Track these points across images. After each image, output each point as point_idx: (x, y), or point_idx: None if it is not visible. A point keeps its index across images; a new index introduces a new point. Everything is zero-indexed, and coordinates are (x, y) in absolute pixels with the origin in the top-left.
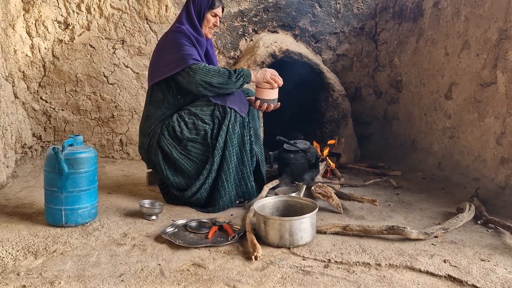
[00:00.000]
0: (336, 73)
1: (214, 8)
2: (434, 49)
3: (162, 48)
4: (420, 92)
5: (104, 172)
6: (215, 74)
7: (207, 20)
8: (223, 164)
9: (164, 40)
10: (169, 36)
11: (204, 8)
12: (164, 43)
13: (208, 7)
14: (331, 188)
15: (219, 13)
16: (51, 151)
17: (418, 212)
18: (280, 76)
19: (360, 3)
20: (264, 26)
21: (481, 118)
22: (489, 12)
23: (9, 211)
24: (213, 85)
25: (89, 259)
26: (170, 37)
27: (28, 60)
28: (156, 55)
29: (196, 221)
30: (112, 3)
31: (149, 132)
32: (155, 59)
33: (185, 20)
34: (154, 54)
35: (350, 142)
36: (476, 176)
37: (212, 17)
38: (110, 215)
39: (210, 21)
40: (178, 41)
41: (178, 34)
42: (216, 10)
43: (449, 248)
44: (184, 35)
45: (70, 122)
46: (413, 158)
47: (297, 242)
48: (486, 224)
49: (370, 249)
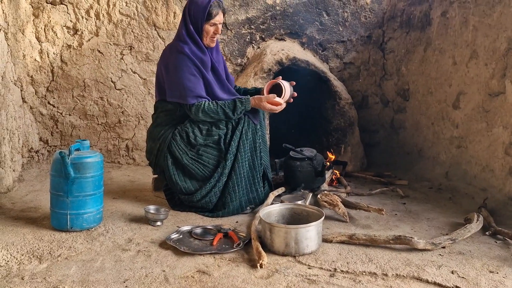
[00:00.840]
0: (343, 81)
1: (212, 19)
2: (442, 58)
3: (166, 66)
4: (427, 101)
5: (109, 177)
6: (215, 116)
7: (206, 32)
8: (235, 168)
9: (169, 57)
10: (173, 55)
11: (200, 21)
12: (168, 61)
13: (205, 19)
14: (337, 196)
15: (218, 21)
16: (57, 155)
17: (425, 222)
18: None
19: (368, 12)
20: (271, 34)
21: (489, 128)
22: (498, 21)
23: (14, 215)
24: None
25: (94, 264)
26: (174, 57)
27: (37, 65)
28: (160, 71)
29: (201, 227)
30: (121, 10)
31: (159, 136)
32: (160, 74)
33: (186, 37)
34: (159, 67)
35: (356, 150)
36: (484, 187)
37: (211, 27)
38: (115, 220)
39: (209, 32)
40: (181, 68)
41: (182, 58)
42: (214, 20)
43: (457, 259)
44: (188, 60)
45: (77, 126)
46: (420, 167)
47: (302, 251)
48: (495, 235)
49: (377, 259)
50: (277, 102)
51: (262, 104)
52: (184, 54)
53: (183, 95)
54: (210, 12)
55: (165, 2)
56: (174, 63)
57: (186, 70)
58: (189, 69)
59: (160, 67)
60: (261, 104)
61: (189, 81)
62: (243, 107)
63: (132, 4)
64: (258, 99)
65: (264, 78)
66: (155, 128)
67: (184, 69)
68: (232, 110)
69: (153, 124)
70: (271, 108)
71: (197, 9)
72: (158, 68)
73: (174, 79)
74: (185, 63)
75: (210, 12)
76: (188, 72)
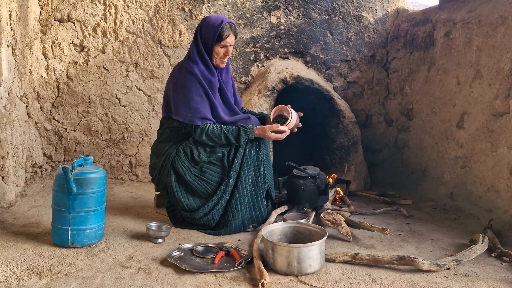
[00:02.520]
0: (347, 100)
1: (222, 41)
2: (445, 78)
3: (174, 85)
4: (431, 121)
5: (112, 193)
6: (217, 140)
7: (216, 53)
8: (238, 186)
9: (177, 76)
10: (182, 75)
11: (211, 43)
12: (176, 79)
13: (215, 41)
14: (340, 215)
15: (229, 43)
16: (60, 171)
17: (429, 243)
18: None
19: (371, 32)
20: (275, 53)
21: (494, 148)
22: (501, 42)
23: (16, 230)
24: (215, 144)
25: (94, 281)
26: (183, 77)
27: (43, 81)
28: (169, 88)
29: (202, 245)
30: (127, 27)
31: (163, 152)
32: (168, 92)
33: (196, 56)
34: (168, 85)
35: (360, 169)
36: (489, 207)
37: (221, 48)
38: (116, 236)
39: (219, 53)
40: (189, 88)
41: (191, 79)
42: (225, 42)
43: (462, 281)
44: (196, 81)
45: (81, 142)
46: (424, 187)
47: (305, 270)
48: (501, 257)
49: (380, 280)
50: (281, 130)
51: (266, 134)
52: (193, 75)
53: (189, 115)
54: (221, 34)
55: (171, 20)
56: (183, 83)
57: (194, 91)
58: (196, 90)
59: (169, 85)
60: (265, 134)
61: (196, 103)
62: (246, 136)
63: (138, 22)
64: (262, 129)
65: (268, 96)
66: (160, 144)
67: (192, 89)
68: (235, 137)
69: (158, 140)
70: (275, 137)
71: (208, 30)
72: (167, 86)
73: (181, 98)
74: (193, 83)
75: (221, 34)
76: (196, 93)
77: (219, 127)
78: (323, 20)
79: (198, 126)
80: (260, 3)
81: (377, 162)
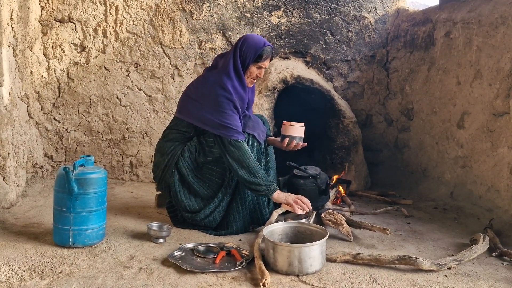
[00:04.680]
0: (347, 100)
1: (260, 62)
2: (445, 78)
3: (204, 94)
4: (431, 121)
5: (113, 193)
6: (246, 166)
7: (250, 72)
8: (239, 188)
9: (210, 88)
10: (214, 89)
11: (249, 61)
12: (207, 91)
13: (254, 60)
14: (341, 215)
15: (265, 65)
16: (62, 171)
17: (430, 242)
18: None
19: (372, 32)
20: (276, 53)
21: (494, 148)
22: (502, 42)
23: (17, 230)
24: (237, 173)
25: (95, 281)
26: (215, 92)
27: (44, 81)
28: (195, 95)
29: (204, 245)
30: (128, 28)
31: (169, 152)
32: (193, 98)
33: (232, 71)
34: (193, 90)
35: (360, 169)
36: (489, 207)
37: (256, 69)
38: (117, 237)
39: (253, 73)
40: (221, 103)
41: (223, 93)
42: (262, 63)
43: (463, 280)
44: (229, 97)
45: (81, 142)
46: (424, 187)
47: (306, 270)
48: (501, 257)
49: (381, 279)
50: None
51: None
52: (226, 90)
53: (224, 129)
54: (261, 54)
55: (172, 20)
56: (214, 98)
57: (226, 106)
58: (229, 105)
59: (197, 90)
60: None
61: (229, 118)
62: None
63: (139, 23)
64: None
65: (269, 96)
66: (166, 143)
67: (224, 105)
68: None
69: (164, 138)
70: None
71: (249, 47)
72: (194, 90)
73: (212, 109)
74: (225, 100)
75: (261, 54)
76: (228, 109)
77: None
78: (323, 20)
79: (235, 141)
80: (261, 3)
81: (377, 162)
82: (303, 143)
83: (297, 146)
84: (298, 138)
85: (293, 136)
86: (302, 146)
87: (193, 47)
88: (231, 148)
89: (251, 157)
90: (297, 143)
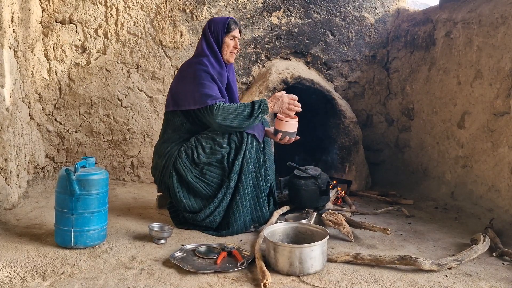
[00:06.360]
0: (348, 100)
1: (231, 31)
2: (446, 78)
3: (183, 77)
4: (432, 121)
5: (114, 194)
6: (235, 116)
7: (226, 45)
8: (238, 188)
9: (186, 70)
10: (191, 68)
11: (221, 33)
12: (185, 73)
13: (225, 31)
14: (342, 215)
15: (237, 35)
16: (63, 172)
17: (431, 242)
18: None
19: (372, 32)
20: (276, 53)
21: (495, 147)
22: (502, 42)
23: (19, 231)
24: (232, 127)
25: (97, 282)
26: (192, 69)
27: (45, 83)
28: (176, 84)
29: (205, 246)
30: (128, 29)
31: (165, 153)
32: (175, 87)
33: (206, 50)
34: (174, 82)
35: (361, 169)
36: (490, 207)
37: (230, 40)
38: (119, 237)
39: (229, 45)
40: (199, 75)
41: (200, 67)
42: (234, 33)
43: (464, 280)
44: (205, 69)
45: (83, 144)
46: (425, 187)
47: (307, 270)
48: (502, 257)
49: (382, 280)
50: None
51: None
52: (202, 65)
53: (200, 99)
54: (229, 24)
55: (172, 21)
56: (192, 74)
57: (204, 77)
58: (206, 77)
59: (177, 79)
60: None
61: (206, 87)
62: (261, 109)
63: (140, 24)
64: (275, 98)
65: (269, 96)
66: (162, 144)
67: (202, 76)
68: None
69: (160, 140)
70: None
71: (217, 24)
72: (174, 81)
73: (191, 85)
74: (203, 73)
75: (229, 24)
76: (206, 80)
77: (232, 103)
78: (323, 21)
79: (213, 105)
80: (261, 4)
81: (378, 162)
82: (296, 136)
83: (290, 140)
84: (291, 133)
85: (286, 132)
86: (294, 140)
87: (193, 48)
88: (216, 112)
89: (232, 106)
90: (289, 138)
